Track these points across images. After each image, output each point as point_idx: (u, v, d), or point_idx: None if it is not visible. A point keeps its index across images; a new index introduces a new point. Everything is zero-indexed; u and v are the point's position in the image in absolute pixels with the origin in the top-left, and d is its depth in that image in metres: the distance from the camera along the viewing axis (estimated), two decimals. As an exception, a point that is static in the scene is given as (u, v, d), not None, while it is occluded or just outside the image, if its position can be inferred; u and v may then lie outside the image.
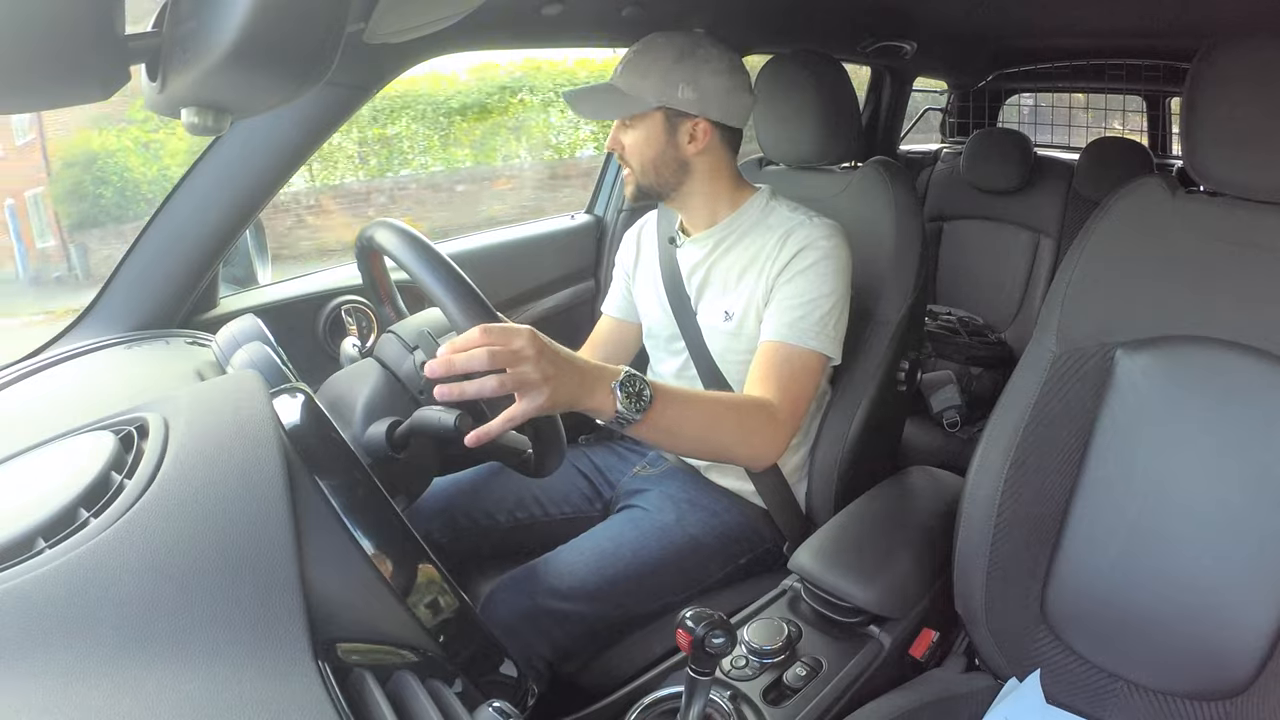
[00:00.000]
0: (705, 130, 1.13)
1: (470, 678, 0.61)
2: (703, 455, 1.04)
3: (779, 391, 1.02)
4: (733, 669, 0.89)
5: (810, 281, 1.07)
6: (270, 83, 0.45)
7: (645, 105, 1.10)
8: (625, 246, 1.35)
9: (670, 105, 1.10)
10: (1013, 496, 0.93)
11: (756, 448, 1.00)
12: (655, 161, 1.13)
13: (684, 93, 1.10)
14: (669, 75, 1.10)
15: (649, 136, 1.13)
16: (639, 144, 1.13)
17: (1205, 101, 0.85)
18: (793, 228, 1.11)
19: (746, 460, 1.05)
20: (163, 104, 0.46)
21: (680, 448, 1.01)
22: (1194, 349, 0.86)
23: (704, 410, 0.94)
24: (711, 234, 1.18)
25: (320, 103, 1.06)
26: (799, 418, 1.05)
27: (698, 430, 0.92)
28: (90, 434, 0.61)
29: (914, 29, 1.94)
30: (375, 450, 0.80)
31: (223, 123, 0.46)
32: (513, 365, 0.72)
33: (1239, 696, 0.83)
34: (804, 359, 1.05)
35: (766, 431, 0.99)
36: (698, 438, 0.94)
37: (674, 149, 1.13)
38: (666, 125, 1.12)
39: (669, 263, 1.23)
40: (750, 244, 1.14)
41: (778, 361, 1.05)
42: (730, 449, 1.00)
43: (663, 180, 1.15)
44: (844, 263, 1.10)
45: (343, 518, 0.57)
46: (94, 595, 0.47)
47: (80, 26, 0.40)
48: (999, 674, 0.96)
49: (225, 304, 1.20)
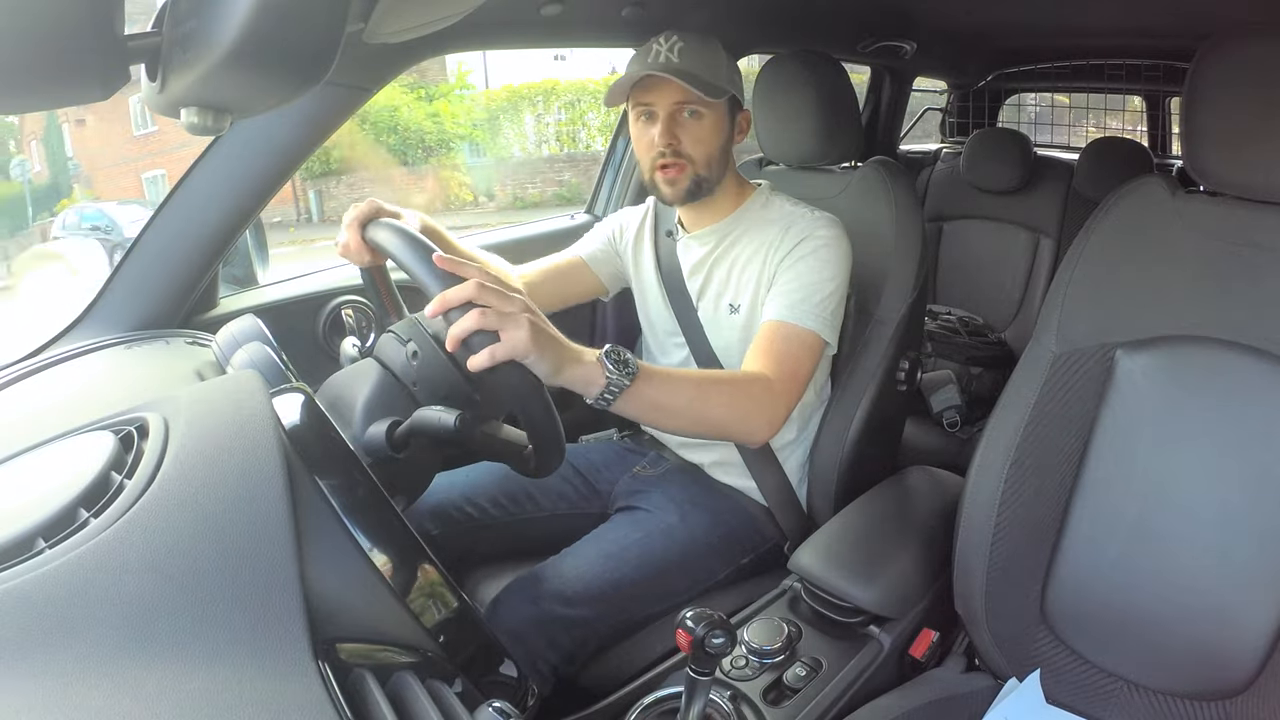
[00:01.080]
0: (749, 121, 1.16)
1: (470, 678, 0.61)
2: (696, 431, 0.98)
3: (775, 365, 1.00)
4: (733, 669, 0.89)
5: (810, 266, 1.07)
6: (270, 83, 0.45)
7: (723, 93, 1.09)
8: (596, 233, 1.32)
9: (735, 93, 1.11)
10: (1013, 496, 0.93)
11: (752, 420, 0.95)
12: (720, 151, 1.12)
13: (738, 81, 1.12)
14: (727, 64, 1.10)
15: (717, 125, 1.11)
16: (707, 134, 1.10)
17: (1205, 101, 0.85)
18: (794, 220, 1.12)
19: (742, 435, 0.99)
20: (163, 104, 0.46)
21: (672, 423, 0.94)
22: (1194, 349, 0.86)
23: (694, 383, 0.91)
24: (715, 230, 1.18)
25: (320, 103, 1.06)
26: (795, 394, 1.01)
27: (688, 403, 0.88)
28: (90, 434, 0.61)
29: (913, 29, 1.94)
30: (375, 450, 0.80)
31: (222, 123, 0.46)
32: (499, 303, 0.73)
33: (1239, 696, 0.83)
34: (802, 337, 1.04)
35: (762, 402, 0.95)
36: (688, 411, 0.89)
37: (730, 140, 1.14)
38: (729, 114, 1.12)
39: (668, 258, 1.22)
40: (753, 238, 1.14)
41: (776, 339, 1.04)
42: (724, 423, 0.95)
43: (717, 172, 1.13)
44: (844, 253, 1.10)
45: (343, 518, 0.57)
46: (94, 595, 0.47)
47: (80, 26, 0.40)
48: (999, 674, 0.96)
49: (225, 304, 1.20)
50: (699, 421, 0.92)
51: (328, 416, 0.65)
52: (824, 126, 1.28)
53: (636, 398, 0.82)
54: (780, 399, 0.98)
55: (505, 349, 0.72)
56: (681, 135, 1.09)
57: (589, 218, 1.78)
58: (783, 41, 1.57)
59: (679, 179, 1.10)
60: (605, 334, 1.61)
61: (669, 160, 1.09)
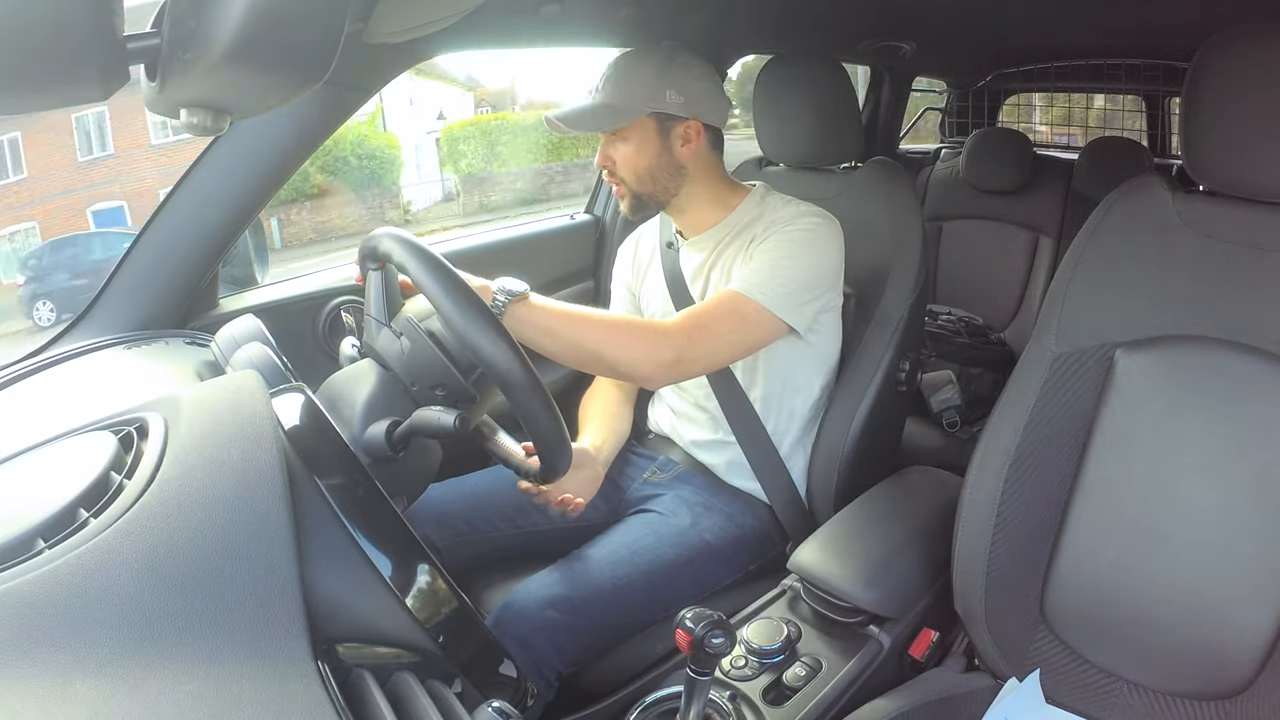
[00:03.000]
0: (698, 130, 1.14)
1: (470, 678, 0.61)
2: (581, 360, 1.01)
3: (685, 317, 1.03)
4: (733, 669, 0.89)
5: (781, 245, 1.07)
6: (270, 83, 0.45)
7: (636, 113, 1.11)
8: (621, 260, 1.34)
9: (661, 110, 1.11)
10: (1013, 496, 0.93)
11: (634, 354, 0.98)
12: (651, 169, 1.14)
13: (671, 97, 1.11)
14: (655, 83, 1.11)
15: (642, 144, 1.13)
16: (632, 154, 1.13)
17: (1204, 101, 0.85)
18: (784, 214, 1.13)
19: (627, 370, 1.02)
20: (162, 104, 0.46)
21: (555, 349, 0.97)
22: (1194, 349, 0.86)
23: (579, 315, 0.98)
24: (711, 235, 1.19)
25: (320, 103, 1.06)
26: (696, 346, 1.01)
27: (570, 327, 0.96)
28: (90, 434, 0.61)
29: (913, 29, 1.94)
30: (375, 450, 0.80)
31: (222, 123, 0.46)
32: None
33: (1238, 696, 0.83)
34: (741, 308, 1.03)
35: (650, 342, 0.99)
36: (568, 335, 0.95)
37: (668, 153, 1.14)
38: (659, 131, 1.13)
39: (672, 268, 1.23)
40: (747, 233, 1.15)
41: (712, 303, 1.05)
42: (606, 356, 0.98)
43: (660, 187, 1.15)
44: (826, 240, 1.10)
45: (343, 518, 0.57)
46: (94, 595, 0.47)
47: (79, 27, 0.40)
48: (999, 674, 0.96)
49: (225, 304, 1.20)
50: (580, 349, 0.97)
51: (327, 417, 0.65)
52: (824, 127, 1.28)
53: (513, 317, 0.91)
54: (671, 342, 0.99)
55: None
56: (614, 156, 1.15)
57: (589, 218, 1.78)
58: (782, 42, 1.57)
59: (622, 194, 1.17)
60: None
61: (612, 179, 1.17)
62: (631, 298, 1.34)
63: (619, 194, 1.18)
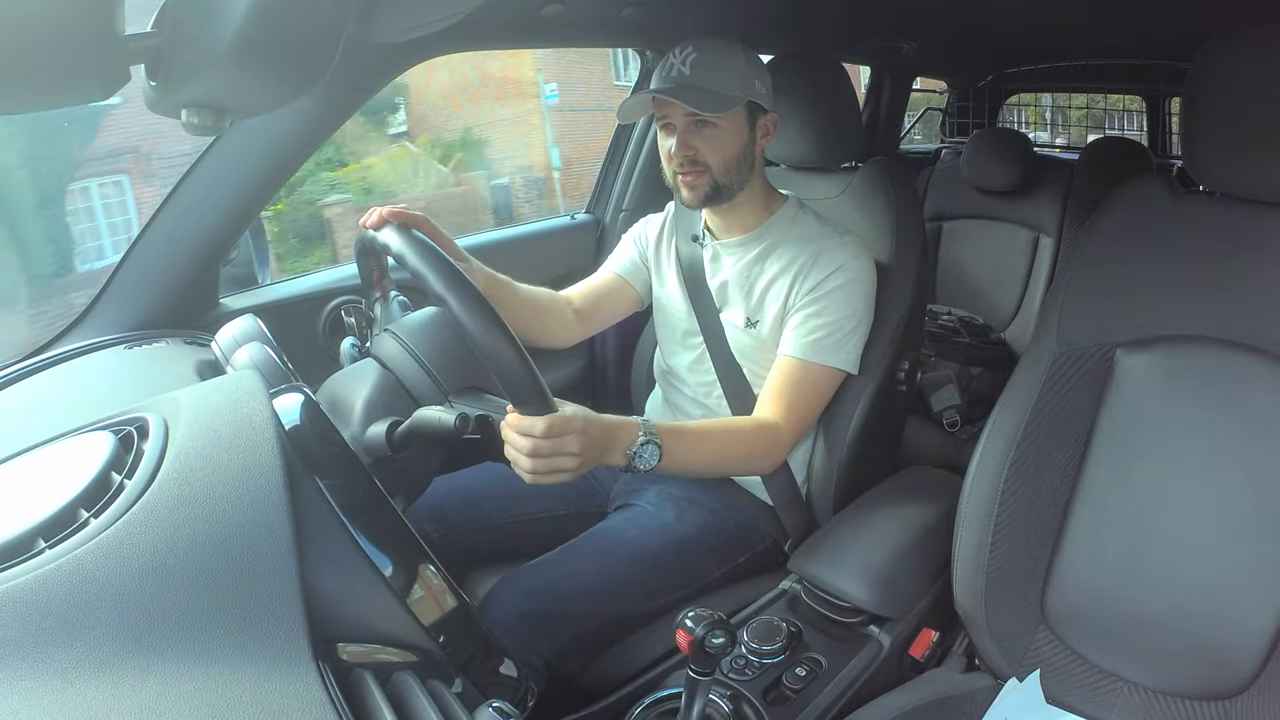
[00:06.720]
0: (775, 123, 1.16)
1: (470, 678, 0.61)
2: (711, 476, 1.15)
3: (788, 410, 1.08)
4: (732, 669, 0.89)
5: (837, 301, 1.10)
6: (270, 83, 0.45)
7: (737, 101, 1.09)
8: (649, 226, 1.32)
9: (754, 99, 1.12)
10: (1013, 496, 0.93)
11: (759, 464, 1.11)
12: (737, 158, 1.12)
13: (759, 87, 1.12)
14: (747, 71, 1.11)
15: (735, 131, 1.11)
16: (723, 140, 1.11)
17: (1205, 101, 0.85)
18: (824, 246, 1.12)
19: (748, 474, 1.15)
20: (163, 104, 0.46)
21: (688, 475, 1.12)
22: (1194, 349, 0.86)
23: (710, 443, 1.03)
24: (743, 243, 1.18)
25: (320, 103, 1.06)
26: (803, 432, 1.11)
27: (705, 463, 1.04)
28: (90, 434, 0.61)
29: (913, 28, 1.94)
30: (375, 450, 0.80)
31: (222, 123, 0.46)
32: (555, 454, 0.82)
33: (1239, 696, 0.84)
34: (819, 377, 1.10)
35: (770, 453, 1.09)
36: (705, 467, 1.06)
37: (752, 145, 1.14)
38: (749, 119, 1.13)
39: (693, 262, 1.23)
40: (781, 256, 1.15)
41: (793, 381, 1.10)
42: (735, 470, 1.13)
43: (739, 179, 1.14)
44: (870, 283, 1.13)
45: (343, 518, 0.57)
46: (94, 595, 0.47)
47: (80, 27, 0.40)
48: (999, 674, 0.96)
49: (225, 304, 1.19)
50: (712, 472, 1.12)
51: (327, 416, 0.65)
52: (824, 126, 1.27)
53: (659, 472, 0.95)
54: (787, 443, 1.09)
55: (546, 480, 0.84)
56: (697, 144, 1.11)
57: (589, 218, 1.78)
58: (782, 41, 1.57)
59: (698, 183, 1.12)
60: (605, 340, 1.61)
61: (687, 168, 1.12)
62: (640, 256, 1.31)
63: (692, 183, 1.12)
